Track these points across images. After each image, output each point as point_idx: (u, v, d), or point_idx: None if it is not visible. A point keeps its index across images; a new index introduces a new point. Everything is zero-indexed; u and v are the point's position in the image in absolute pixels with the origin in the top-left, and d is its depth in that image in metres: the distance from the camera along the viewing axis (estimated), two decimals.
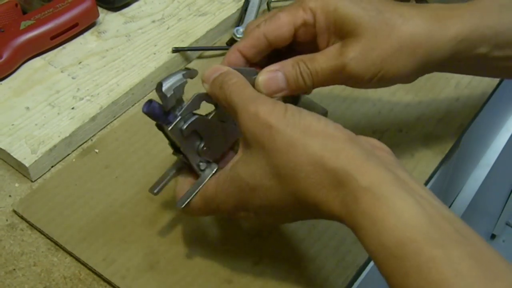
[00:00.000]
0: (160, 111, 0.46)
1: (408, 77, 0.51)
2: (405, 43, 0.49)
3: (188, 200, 0.48)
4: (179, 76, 0.47)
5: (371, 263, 0.57)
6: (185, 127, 0.47)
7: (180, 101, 0.47)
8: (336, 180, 0.41)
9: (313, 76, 0.49)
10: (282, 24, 0.50)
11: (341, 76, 0.49)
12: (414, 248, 0.37)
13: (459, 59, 0.51)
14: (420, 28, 0.49)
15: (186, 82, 0.47)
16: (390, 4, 0.50)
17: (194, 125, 0.47)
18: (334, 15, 0.49)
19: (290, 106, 0.44)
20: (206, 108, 0.49)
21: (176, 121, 0.46)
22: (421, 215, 0.38)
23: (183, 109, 0.47)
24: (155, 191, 0.50)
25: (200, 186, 0.48)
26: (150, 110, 0.45)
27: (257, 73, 0.49)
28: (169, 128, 0.46)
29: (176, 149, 0.49)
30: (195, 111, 0.48)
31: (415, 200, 0.39)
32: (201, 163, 0.49)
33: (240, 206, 0.46)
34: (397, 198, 0.39)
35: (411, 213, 0.38)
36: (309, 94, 0.53)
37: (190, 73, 0.48)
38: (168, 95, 0.45)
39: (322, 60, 0.49)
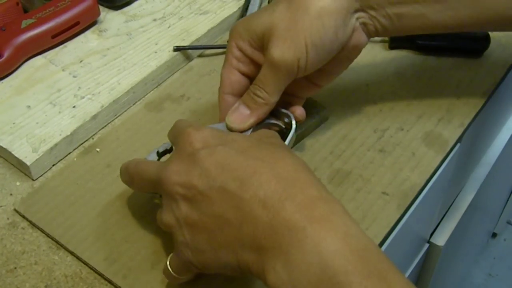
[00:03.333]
0: None
1: (338, 28, 0.52)
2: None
3: None
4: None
5: None
6: None
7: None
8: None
9: (263, 87, 0.52)
10: (226, 74, 0.55)
11: (282, 70, 0.51)
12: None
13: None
14: None
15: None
16: None
17: None
18: (248, 35, 0.53)
19: None
20: None
21: None
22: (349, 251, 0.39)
23: None
24: None
25: None
26: None
27: None
28: None
29: None
30: None
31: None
32: None
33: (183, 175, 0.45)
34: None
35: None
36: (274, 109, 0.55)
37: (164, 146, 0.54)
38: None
39: (261, 70, 0.53)
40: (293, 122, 0.55)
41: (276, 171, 0.43)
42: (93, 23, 0.73)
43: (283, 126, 0.56)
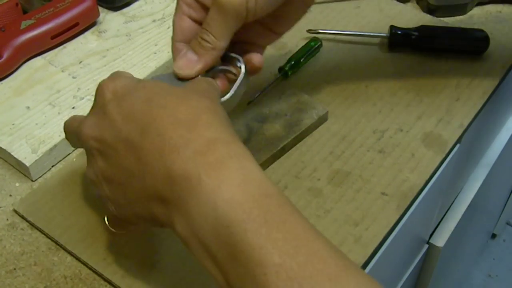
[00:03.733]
0: None
1: None
2: None
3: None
4: None
5: (372, 262, 0.57)
6: None
7: None
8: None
9: (210, 31, 0.49)
10: (177, 21, 0.52)
11: (230, 12, 0.48)
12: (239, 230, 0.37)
13: None
14: None
15: None
16: None
17: None
18: None
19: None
20: None
21: None
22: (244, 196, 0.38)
23: None
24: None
25: None
26: None
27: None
28: None
29: None
30: None
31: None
32: None
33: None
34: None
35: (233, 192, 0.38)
36: (221, 56, 0.52)
37: None
38: None
39: (208, 13, 0.50)
40: (243, 67, 0.53)
41: (175, 116, 0.41)
42: (93, 24, 0.73)
43: (235, 72, 0.53)
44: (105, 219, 0.48)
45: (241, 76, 0.52)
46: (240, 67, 0.53)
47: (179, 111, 0.42)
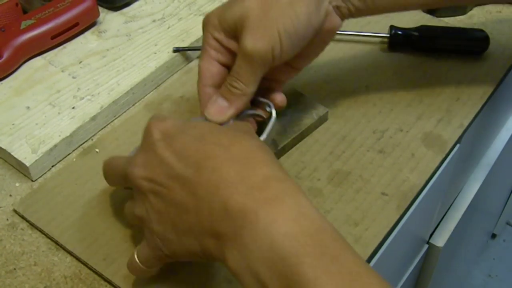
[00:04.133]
0: None
1: (310, 15, 0.51)
2: None
3: None
4: None
5: (372, 262, 0.57)
6: None
7: None
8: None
9: (239, 78, 0.51)
10: (206, 65, 0.54)
11: (257, 60, 0.50)
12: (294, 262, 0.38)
13: None
14: None
15: None
16: None
17: None
18: (222, 25, 0.52)
19: None
20: None
21: None
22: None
23: None
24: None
25: None
26: None
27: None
28: None
29: None
30: None
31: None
32: None
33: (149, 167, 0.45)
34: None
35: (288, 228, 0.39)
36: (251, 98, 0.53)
37: None
38: None
39: (236, 61, 0.52)
40: (273, 112, 0.55)
41: (230, 154, 0.43)
42: (93, 24, 0.73)
43: (264, 116, 0.55)
44: (135, 256, 0.48)
45: (273, 120, 0.54)
46: (270, 112, 0.55)
47: (233, 149, 0.43)
